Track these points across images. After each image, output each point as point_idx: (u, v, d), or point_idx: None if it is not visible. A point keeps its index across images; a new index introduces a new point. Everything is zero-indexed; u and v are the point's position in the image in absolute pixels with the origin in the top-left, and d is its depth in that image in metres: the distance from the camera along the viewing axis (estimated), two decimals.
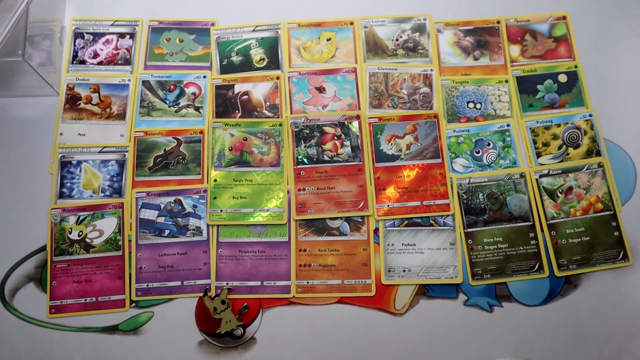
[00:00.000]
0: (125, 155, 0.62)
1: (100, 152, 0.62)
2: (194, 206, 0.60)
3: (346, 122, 0.63)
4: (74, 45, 0.67)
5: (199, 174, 0.62)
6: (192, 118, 0.64)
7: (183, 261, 0.59)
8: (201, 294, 0.58)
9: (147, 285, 0.58)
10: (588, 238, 0.60)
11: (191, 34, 0.68)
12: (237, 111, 0.64)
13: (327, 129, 0.63)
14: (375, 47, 0.67)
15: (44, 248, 0.59)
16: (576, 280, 0.59)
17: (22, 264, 0.59)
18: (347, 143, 0.62)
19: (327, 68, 0.66)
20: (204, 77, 0.66)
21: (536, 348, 0.56)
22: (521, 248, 0.59)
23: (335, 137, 0.63)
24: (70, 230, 0.59)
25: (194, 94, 0.65)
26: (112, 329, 0.57)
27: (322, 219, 0.60)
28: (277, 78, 0.65)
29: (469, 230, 0.60)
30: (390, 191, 0.61)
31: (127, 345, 0.56)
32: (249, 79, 0.65)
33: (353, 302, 0.58)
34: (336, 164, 0.62)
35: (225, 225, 0.60)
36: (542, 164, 0.62)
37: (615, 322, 0.57)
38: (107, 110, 0.64)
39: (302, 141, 0.62)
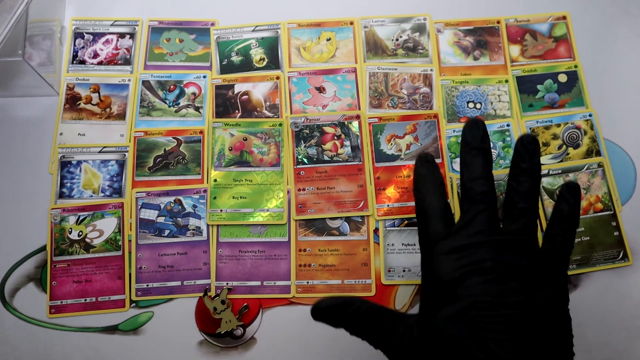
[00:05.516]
0: (125, 155, 0.62)
1: (100, 152, 0.62)
2: (194, 206, 0.60)
3: (346, 122, 0.63)
4: (74, 45, 0.67)
5: (199, 174, 0.62)
6: (192, 118, 0.64)
7: (183, 261, 0.59)
8: (201, 294, 0.58)
9: (147, 285, 0.58)
10: (588, 238, 0.60)
11: (191, 34, 0.68)
12: (237, 111, 0.64)
13: (327, 129, 0.63)
14: (375, 47, 0.67)
15: (44, 248, 0.59)
16: (576, 280, 0.59)
17: (22, 264, 0.59)
18: (347, 143, 0.62)
19: (327, 68, 0.66)
20: (204, 77, 0.66)
21: None
22: None
23: (335, 137, 0.63)
24: (70, 230, 0.59)
25: (193, 94, 0.65)
26: (112, 329, 0.57)
27: (322, 219, 0.60)
28: (277, 78, 0.65)
29: None
30: (390, 191, 0.61)
31: (127, 345, 0.56)
32: (249, 79, 0.65)
33: None
34: (336, 164, 0.62)
35: (225, 225, 0.60)
36: (542, 164, 0.62)
37: (615, 322, 0.57)
38: (107, 110, 0.64)
39: (302, 141, 0.62)
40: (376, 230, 0.60)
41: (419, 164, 0.45)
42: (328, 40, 0.67)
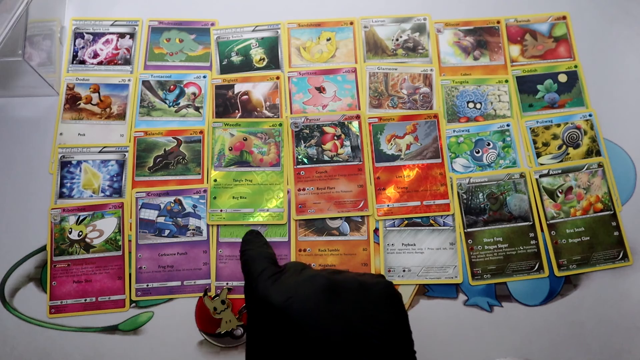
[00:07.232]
0: (125, 155, 0.62)
1: (100, 152, 0.62)
2: (194, 206, 0.60)
3: (346, 122, 0.63)
4: (74, 45, 0.67)
5: (199, 174, 0.62)
6: (192, 118, 0.64)
7: (183, 261, 0.59)
8: (201, 294, 0.58)
9: (147, 285, 0.58)
10: (588, 238, 0.60)
11: (191, 34, 0.68)
12: (237, 111, 0.64)
13: (327, 129, 0.63)
14: (375, 47, 0.67)
15: (44, 248, 0.59)
16: (576, 280, 0.59)
17: (22, 264, 0.59)
18: (347, 143, 0.62)
19: (327, 68, 0.66)
20: (204, 77, 0.66)
21: (536, 348, 0.56)
22: (521, 248, 0.59)
23: (335, 137, 0.63)
24: (70, 230, 0.59)
25: (194, 93, 0.65)
26: (112, 329, 0.57)
27: (322, 219, 0.60)
28: (277, 78, 0.65)
29: (469, 230, 0.60)
30: (390, 191, 0.61)
31: (127, 345, 0.56)
32: (249, 79, 0.65)
33: None
34: (336, 164, 0.62)
35: (225, 225, 0.60)
36: (542, 164, 0.62)
37: (615, 322, 0.57)
38: (107, 110, 0.64)
39: (302, 141, 0.62)
40: (376, 230, 0.60)
41: (246, 234, 0.53)
42: (328, 40, 0.67)
